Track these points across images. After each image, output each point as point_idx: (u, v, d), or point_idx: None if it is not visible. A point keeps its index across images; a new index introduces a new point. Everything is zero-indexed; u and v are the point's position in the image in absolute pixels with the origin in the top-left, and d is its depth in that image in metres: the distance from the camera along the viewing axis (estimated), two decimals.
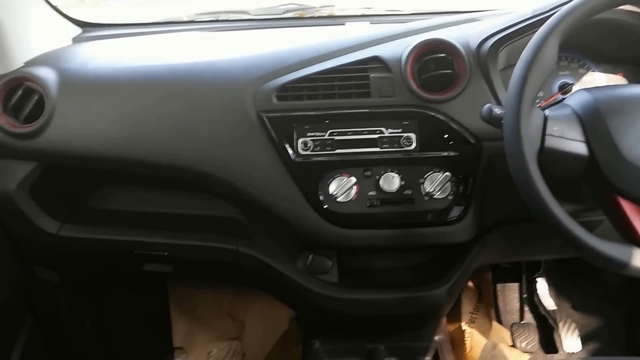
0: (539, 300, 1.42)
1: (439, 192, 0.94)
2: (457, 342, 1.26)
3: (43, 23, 1.12)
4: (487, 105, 0.81)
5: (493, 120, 0.80)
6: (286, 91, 0.94)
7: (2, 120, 0.95)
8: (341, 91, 0.94)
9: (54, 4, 1.16)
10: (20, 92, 0.96)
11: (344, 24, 1.23)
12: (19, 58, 1.02)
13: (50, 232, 1.02)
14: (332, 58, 0.96)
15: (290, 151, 0.93)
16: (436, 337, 1.16)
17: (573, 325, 1.37)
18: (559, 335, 1.36)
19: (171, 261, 1.07)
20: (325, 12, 1.31)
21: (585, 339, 1.36)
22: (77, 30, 1.22)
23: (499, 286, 1.40)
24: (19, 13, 1.03)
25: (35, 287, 1.15)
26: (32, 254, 1.10)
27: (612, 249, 0.72)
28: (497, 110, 0.80)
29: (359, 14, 1.30)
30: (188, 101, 0.96)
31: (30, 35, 1.06)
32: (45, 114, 0.95)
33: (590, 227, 0.75)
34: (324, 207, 0.94)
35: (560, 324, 1.37)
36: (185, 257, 1.06)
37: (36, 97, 0.96)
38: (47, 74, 0.97)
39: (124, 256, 1.07)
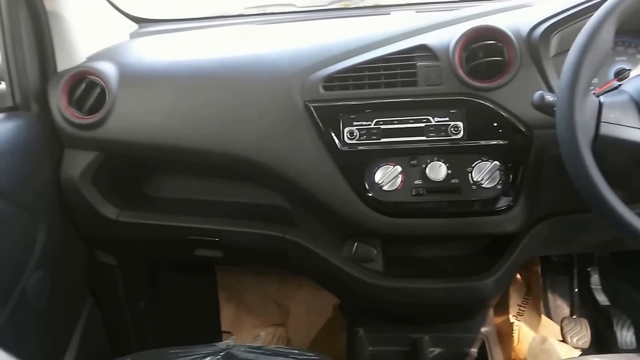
0: (592, 295, 1.37)
1: (487, 181, 0.93)
2: (504, 334, 1.24)
3: (103, 20, 1.18)
4: (539, 92, 0.80)
5: (545, 108, 0.79)
6: (332, 81, 0.95)
7: (67, 112, 1.01)
8: (387, 80, 0.94)
9: (112, 1, 1.22)
10: (83, 86, 1.02)
11: (389, 14, 1.23)
12: (81, 53, 1.08)
13: (110, 217, 1.08)
14: (378, 47, 0.97)
15: (336, 140, 0.95)
16: (483, 329, 1.14)
17: (628, 321, 1.32)
18: (613, 332, 1.31)
19: (221, 247, 1.11)
20: (371, 1, 1.31)
21: None
22: (134, 26, 1.28)
23: (548, 279, 1.36)
24: (81, 11, 1.09)
25: (94, 270, 1.22)
26: (93, 238, 1.17)
27: None
28: (550, 97, 0.78)
29: (405, 2, 1.29)
30: (238, 92, 0.99)
31: (92, 32, 1.12)
32: (106, 106, 1.01)
33: None
34: (370, 195, 0.95)
35: (615, 320, 1.32)
36: (234, 243, 1.10)
37: (98, 90, 1.01)
38: (108, 68, 1.03)
39: (177, 241, 1.11)
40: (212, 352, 0.91)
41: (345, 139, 0.95)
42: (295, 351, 0.91)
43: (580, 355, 1.29)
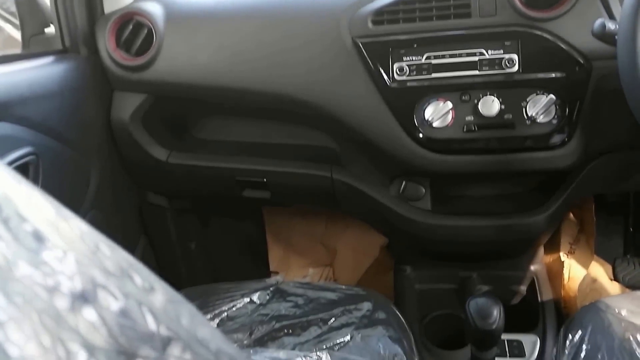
0: None
1: (542, 116, 0.90)
2: (554, 273, 1.23)
3: None
4: (600, 20, 0.76)
5: (606, 37, 0.75)
6: (382, 15, 0.92)
7: (115, 54, 1.02)
8: (439, 12, 0.91)
9: None
10: (130, 27, 1.02)
11: None
12: None
13: (161, 159, 1.10)
14: None
15: (385, 77, 0.93)
16: (532, 267, 1.14)
17: None
18: None
19: (269, 187, 1.12)
20: None
21: None
22: None
23: (602, 218, 1.33)
24: None
25: (147, 211, 1.26)
26: (144, 180, 1.20)
27: None
28: (611, 25, 0.74)
29: None
30: (285, 30, 0.97)
31: None
32: (154, 47, 1.01)
33: None
34: (419, 133, 0.94)
35: None
36: (281, 183, 1.11)
37: (145, 31, 1.01)
38: (154, 9, 1.02)
39: (226, 182, 1.13)
40: (262, 287, 0.93)
41: (395, 75, 0.93)
42: (343, 287, 0.93)
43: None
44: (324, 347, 0.79)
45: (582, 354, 0.74)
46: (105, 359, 0.18)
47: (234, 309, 0.89)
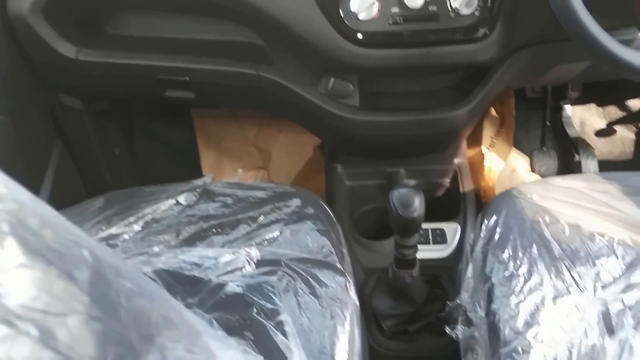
0: (562, 128, 1.41)
1: (465, 8, 0.89)
2: (476, 165, 1.29)
3: None
4: None
5: None
6: None
7: None
8: None
9: None
10: None
11: None
12: None
13: (69, 56, 1.01)
14: None
15: None
16: (456, 160, 1.18)
17: (593, 151, 1.38)
18: (579, 161, 1.37)
19: (192, 87, 1.07)
20: None
21: (603, 164, 1.38)
22: None
23: (522, 113, 1.39)
24: None
25: (60, 114, 1.17)
26: (53, 80, 1.10)
27: None
28: None
29: None
30: None
31: None
32: None
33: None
34: (345, 25, 0.91)
35: (581, 150, 1.37)
36: (205, 82, 1.05)
37: None
38: None
39: (146, 81, 1.06)
40: (188, 189, 0.91)
41: None
42: (273, 185, 0.93)
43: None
44: (253, 243, 0.80)
45: (496, 237, 0.80)
46: None
47: (159, 211, 0.87)
